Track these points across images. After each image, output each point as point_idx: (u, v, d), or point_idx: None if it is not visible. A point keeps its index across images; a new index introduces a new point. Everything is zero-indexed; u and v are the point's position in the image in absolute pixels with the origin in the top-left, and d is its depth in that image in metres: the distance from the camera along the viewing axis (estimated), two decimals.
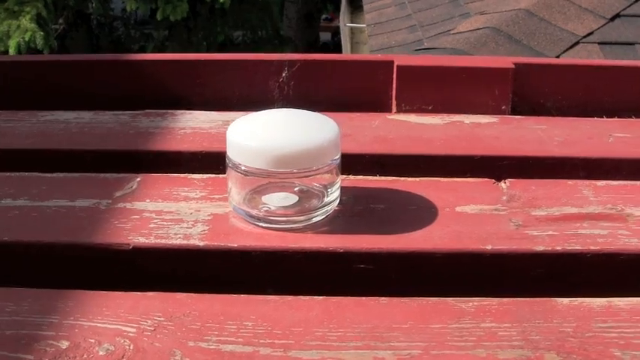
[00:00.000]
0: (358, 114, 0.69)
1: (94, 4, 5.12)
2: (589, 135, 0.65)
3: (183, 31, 5.24)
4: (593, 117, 0.70)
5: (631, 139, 0.65)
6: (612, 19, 2.23)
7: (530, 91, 0.71)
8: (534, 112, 0.72)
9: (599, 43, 2.11)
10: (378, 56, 0.72)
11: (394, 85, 0.70)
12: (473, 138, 0.64)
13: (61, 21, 4.92)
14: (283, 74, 0.73)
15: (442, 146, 0.62)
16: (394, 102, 0.71)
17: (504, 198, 0.54)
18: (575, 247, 0.48)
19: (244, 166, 0.49)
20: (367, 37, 2.53)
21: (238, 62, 0.74)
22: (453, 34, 2.13)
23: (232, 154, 0.50)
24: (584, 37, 2.13)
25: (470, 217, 0.51)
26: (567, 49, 2.06)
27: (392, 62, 0.71)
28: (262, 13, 5.38)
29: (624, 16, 2.26)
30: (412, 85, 0.70)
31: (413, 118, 0.69)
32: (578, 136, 0.65)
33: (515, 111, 0.71)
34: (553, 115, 0.71)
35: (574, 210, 0.52)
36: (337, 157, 0.51)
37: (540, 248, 0.47)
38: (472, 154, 0.60)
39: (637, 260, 0.48)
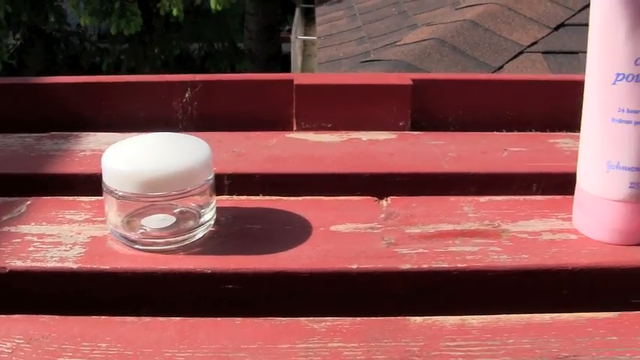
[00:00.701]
0: (257, 133, 0.69)
1: (49, 19, 5.10)
2: (484, 150, 0.66)
3: (139, 46, 5.25)
4: (493, 131, 0.71)
5: (525, 153, 0.66)
6: (557, 28, 2.26)
7: (430, 107, 0.72)
8: (435, 128, 0.72)
9: (542, 53, 2.14)
10: (278, 75, 0.73)
11: (294, 104, 0.71)
12: (366, 155, 0.64)
13: (18, 36, 4.90)
14: (186, 95, 0.73)
15: (332, 164, 0.62)
16: (294, 120, 0.71)
17: (382, 216, 0.54)
18: (443, 264, 0.48)
19: (120, 191, 0.50)
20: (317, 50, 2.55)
21: (143, 84, 0.74)
22: (399, 45, 2.15)
23: (107, 179, 0.50)
24: (529, 46, 2.16)
25: (343, 235, 0.51)
26: (511, 59, 2.09)
27: (291, 81, 0.71)
28: (218, 26, 5.41)
29: (569, 25, 2.29)
30: (311, 103, 0.70)
31: (311, 136, 0.69)
32: (472, 152, 0.66)
33: (416, 127, 0.72)
34: (453, 131, 0.72)
35: (449, 227, 0.53)
36: (210, 177, 0.51)
37: (407, 266, 0.48)
38: (361, 171, 0.61)
39: (505, 277, 0.48)
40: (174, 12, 4.58)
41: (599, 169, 0.50)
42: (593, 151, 0.50)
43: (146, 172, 0.49)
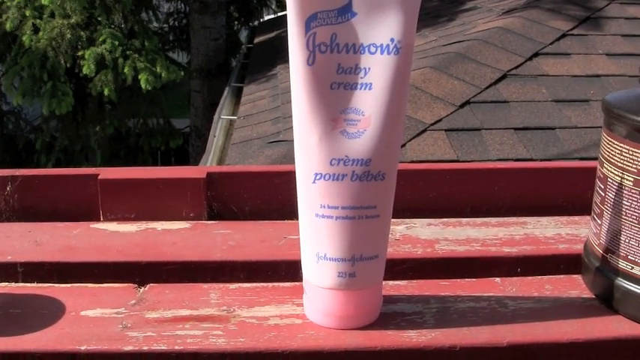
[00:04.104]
0: (66, 223, 0.75)
1: None
2: (264, 238, 0.72)
3: (73, 124, 5.35)
4: (286, 220, 0.77)
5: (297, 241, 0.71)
6: (462, 106, 2.35)
7: (227, 197, 0.78)
8: (232, 217, 0.78)
9: (445, 130, 2.22)
10: (86, 170, 0.79)
11: (99, 197, 0.77)
12: (149, 244, 0.70)
13: None
14: (7, 188, 0.79)
15: (114, 253, 0.68)
16: (101, 212, 0.77)
17: (132, 302, 0.60)
18: (162, 347, 0.54)
19: None
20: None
21: None
22: None
23: None
24: (432, 124, 2.24)
25: (88, 320, 0.57)
26: (414, 137, 2.17)
27: (96, 175, 0.77)
28: (151, 104, 5.54)
29: (474, 102, 2.38)
30: (114, 196, 0.76)
31: (112, 226, 0.75)
32: (252, 240, 0.72)
33: (213, 216, 0.78)
34: (249, 219, 0.78)
35: (187, 312, 0.58)
36: None
37: (129, 348, 0.53)
38: (128, 260, 0.67)
39: (220, 358, 0.54)
40: (106, 92, 4.69)
41: (311, 259, 0.56)
42: (305, 242, 0.56)
43: None
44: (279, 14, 7.07)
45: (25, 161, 5.55)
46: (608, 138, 0.59)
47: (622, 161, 0.57)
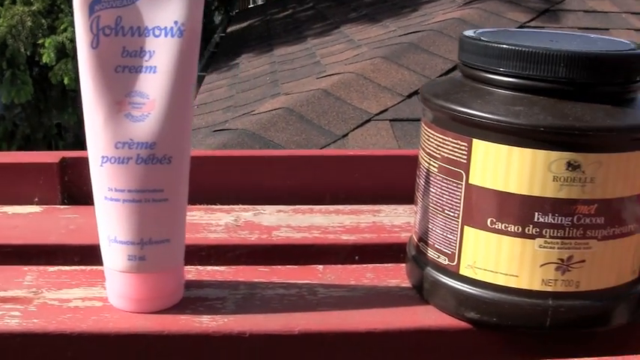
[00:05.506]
0: None
1: None
2: None
3: (35, 112, 5.33)
4: None
5: None
6: (409, 96, 2.35)
7: (83, 182, 0.78)
8: (89, 202, 0.78)
9: (390, 120, 2.22)
10: None
11: None
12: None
13: None
14: None
15: None
16: None
17: None
18: None
19: None
20: None
21: None
22: (253, 114, 2.22)
23: None
24: (377, 114, 2.24)
25: None
26: (357, 127, 2.16)
27: None
28: None
29: None
30: None
31: None
32: (94, 224, 0.71)
33: (69, 202, 0.77)
34: None
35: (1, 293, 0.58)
36: None
37: None
38: None
39: (39, 339, 0.53)
40: (66, 80, 4.67)
41: (104, 242, 0.55)
42: (99, 225, 0.56)
43: None
44: (260, 3, 7.05)
45: None
46: (423, 125, 0.59)
47: (429, 147, 0.57)
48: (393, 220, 0.74)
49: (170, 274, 0.56)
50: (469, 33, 0.58)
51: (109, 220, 0.54)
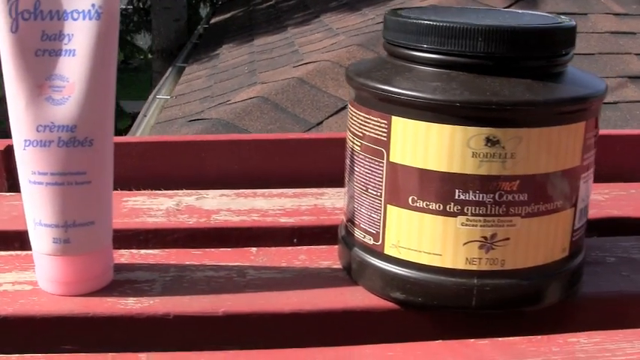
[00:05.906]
0: None
1: None
2: None
3: None
4: None
5: None
6: None
7: None
8: None
9: None
10: None
11: None
12: None
13: None
14: None
15: None
16: None
17: None
18: None
19: None
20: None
21: None
22: (228, 104, 2.22)
23: None
24: None
25: None
26: (332, 115, 2.16)
27: None
28: None
29: None
30: None
31: None
32: None
33: (14, 188, 0.78)
34: None
35: None
36: None
37: None
38: None
39: None
40: None
41: (30, 225, 0.56)
42: (26, 209, 0.56)
43: None
44: None
45: None
46: (348, 105, 0.59)
47: (354, 126, 0.57)
48: (335, 203, 0.74)
49: (96, 256, 0.56)
50: (392, 11, 0.58)
51: (34, 204, 0.55)
